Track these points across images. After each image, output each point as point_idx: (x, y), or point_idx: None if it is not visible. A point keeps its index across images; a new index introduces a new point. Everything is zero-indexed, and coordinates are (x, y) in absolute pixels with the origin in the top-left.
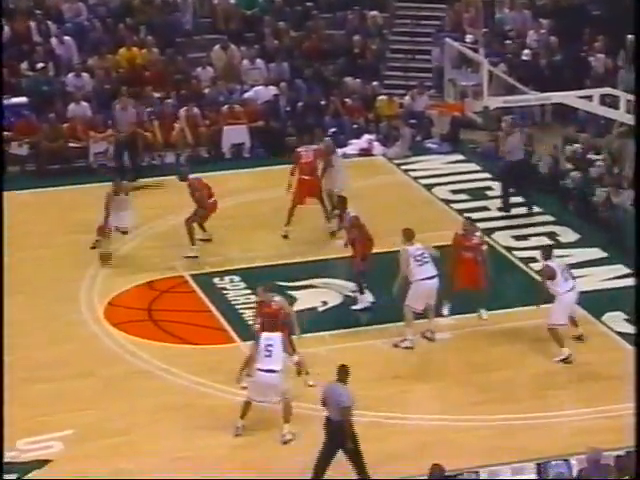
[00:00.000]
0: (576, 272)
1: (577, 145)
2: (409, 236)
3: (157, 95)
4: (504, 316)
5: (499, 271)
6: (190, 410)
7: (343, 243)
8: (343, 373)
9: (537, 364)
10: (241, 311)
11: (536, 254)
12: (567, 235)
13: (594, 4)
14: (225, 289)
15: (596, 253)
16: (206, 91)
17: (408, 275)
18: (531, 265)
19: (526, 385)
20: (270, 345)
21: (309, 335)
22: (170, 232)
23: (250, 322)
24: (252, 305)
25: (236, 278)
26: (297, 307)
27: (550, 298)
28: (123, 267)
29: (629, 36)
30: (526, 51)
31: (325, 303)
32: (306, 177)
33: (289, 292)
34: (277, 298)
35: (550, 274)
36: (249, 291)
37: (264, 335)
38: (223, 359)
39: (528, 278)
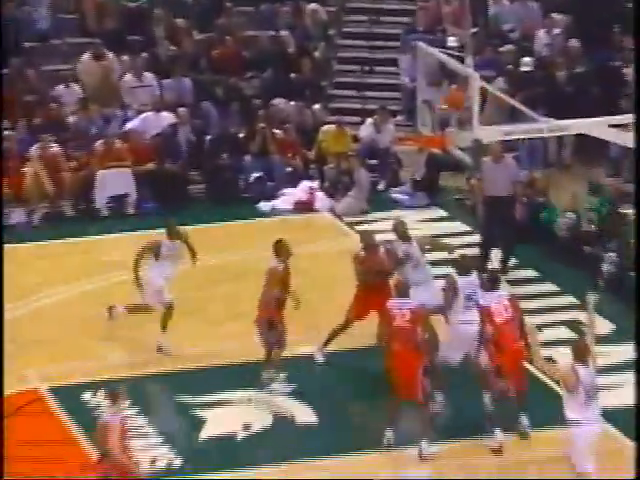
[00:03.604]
0: (610, 379)
1: (608, 194)
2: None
3: None
4: (520, 442)
5: None
6: None
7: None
8: None
9: None
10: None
11: (554, 352)
12: (599, 325)
13: None
14: (100, 408)
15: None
16: (71, 119)
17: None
18: (551, 367)
19: None
20: None
21: (225, 475)
22: (20, 323)
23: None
24: (139, 432)
25: None
26: (205, 434)
27: None
28: None
29: None
30: (528, 59)
31: (247, 427)
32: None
33: (193, 412)
34: None
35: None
36: (135, 410)
37: None
38: None
39: (544, 388)
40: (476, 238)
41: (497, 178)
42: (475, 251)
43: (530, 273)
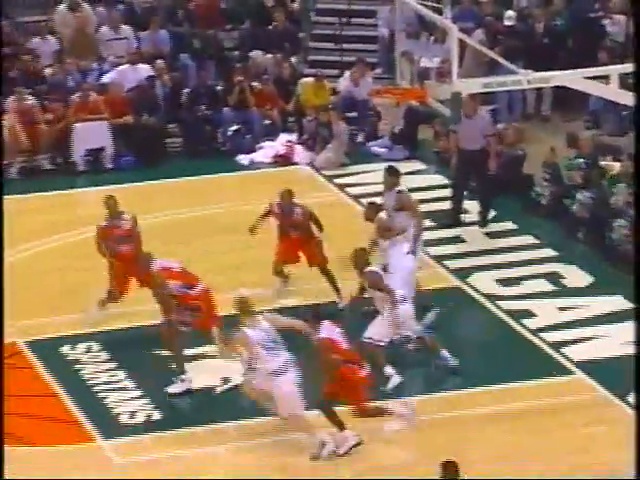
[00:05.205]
0: (588, 331)
1: (584, 147)
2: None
3: None
4: (487, 396)
5: (479, 331)
6: None
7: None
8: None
9: (539, 462)
10: (102, 395)
11: (532, 305)
12: (575, 278)
13: None
14: (78, 362)
15: (617, 304)
16: (47, 72)
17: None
18: (525, 322)
19: None
20: None
21: (205, 428)
22: None
23: (116, 411)
24: (119, 386)
25: (95, 346)
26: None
27: None
28: None
29: None
30: (511, 12)
31: (226, 380)
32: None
33: (171, 366)
34: None
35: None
36: (114, 364)
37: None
38: (77, 465)
39: (521, 340)
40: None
41: (470, 132)
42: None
43: (509, 226)
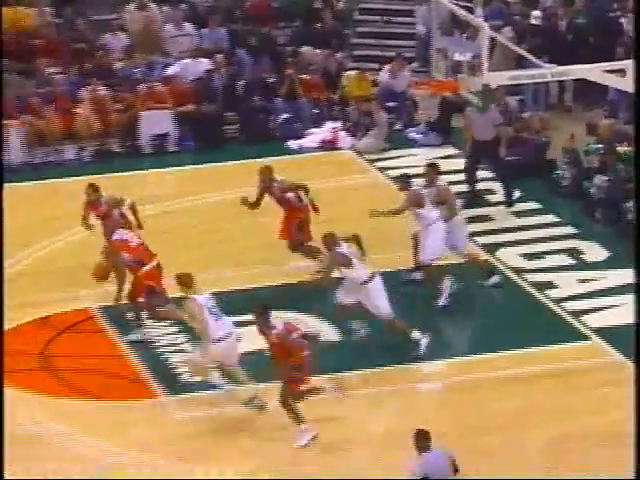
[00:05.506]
0: (605, 301)
1: (602, 134)
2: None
3: (52, 70)
4: (510, 359)
5: (506, 300)
6: None
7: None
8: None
9: (550, 423)
10: (166, 356)
11: (554, 277)
12: (593, 253)
13: None
14: (145, 327)
15: (631, 276)
16: (117, 65)
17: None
18: (548, 292)
19: (536, 453)
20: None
21: (262, 385)
22: (74, 249)
23: (178, 370)
24: (180, 348)
25: None
26: (241, 350)
27: None
28: (9, 296)
29: None
30: (537, 12)
31: None
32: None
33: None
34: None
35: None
36: (177, 328)
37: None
38: (142, 419)
39: (543, 309)
40: (484, 173)
41: (482, 123)
42: (485, 186)
43: (534, 205)
